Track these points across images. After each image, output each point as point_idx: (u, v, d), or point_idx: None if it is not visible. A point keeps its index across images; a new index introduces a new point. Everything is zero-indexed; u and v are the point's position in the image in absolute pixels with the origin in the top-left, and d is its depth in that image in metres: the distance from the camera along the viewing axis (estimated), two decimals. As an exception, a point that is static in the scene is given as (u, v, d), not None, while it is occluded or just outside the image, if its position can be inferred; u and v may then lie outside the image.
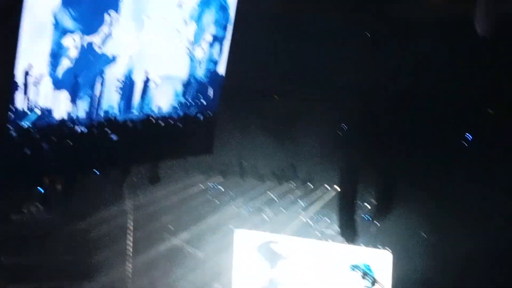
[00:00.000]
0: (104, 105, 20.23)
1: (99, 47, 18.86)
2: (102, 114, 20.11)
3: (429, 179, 28.18)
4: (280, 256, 35.98)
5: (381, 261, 31.86)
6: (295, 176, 32.72)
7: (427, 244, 29.53)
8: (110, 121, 20.55)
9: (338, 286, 33.38)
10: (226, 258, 36.88)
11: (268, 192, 34.87)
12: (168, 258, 35.99)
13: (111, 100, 20.19)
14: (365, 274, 31.58)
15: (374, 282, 32.05)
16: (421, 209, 28.95)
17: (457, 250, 27.40)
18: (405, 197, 26.82)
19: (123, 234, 36.11)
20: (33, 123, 17.96)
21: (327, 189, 33.08)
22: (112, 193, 31.79)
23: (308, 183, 32.94)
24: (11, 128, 17.35)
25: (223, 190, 36.11)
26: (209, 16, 23.07)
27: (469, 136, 26.88)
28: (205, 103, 24.55)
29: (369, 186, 28.73)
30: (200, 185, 35.67)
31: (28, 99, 17.55)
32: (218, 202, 36.36)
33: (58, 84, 18.15)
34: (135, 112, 21.06)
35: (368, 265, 32.19)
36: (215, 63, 23.75)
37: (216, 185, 36.11)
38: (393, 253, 31.60)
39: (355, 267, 31.88)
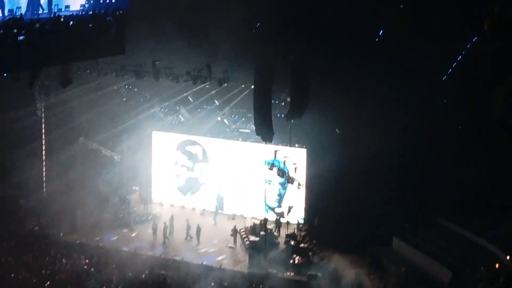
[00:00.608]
0: (9, 4, 19.56)
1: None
2: (7, 13, 19.47)
3: (343, 76, 28.96)
4: (197, 157, 36.50)
5: (297, 158, 32.98)
6: (211, 76, 32.84)
7: (341, 140, 30.60)
8: (16, 21, 19.91)
9: (255, 183, 34.48)
10: (143, 160, 37.10)
11: (184, 93, 35.01)
12: (84, 160, 35.83)
13: (16, -2, 19.54)
14: (279, 170, 32.64)
15: (288, 177, 33.18)
16: (336, 106, 29.79)
17: (370, 145, 28.68)
18: (319, 94, 27.50)
19: (35, 137, 35.59)
20: None
21: (242, 88, 33.51)
22: (22, 96, 31.12)
23: (224, 83, 33.24)
24: None
25: (136, 91, 35.95)
26: None
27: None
28: (114, 0, 24.03)
29: (284, 84, 29.18)
30: (114, 86, 35.42)
31: None
32: (132, 104, 36.20)
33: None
34: (42, 11, 20.49)
35: (280, 161, 33.12)
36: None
37: (129, 86, 35.84)
38: (308, 149, 32.79)
39: (270, 164, 32.82)
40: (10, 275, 26.40)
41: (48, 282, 25.82)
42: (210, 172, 36.58)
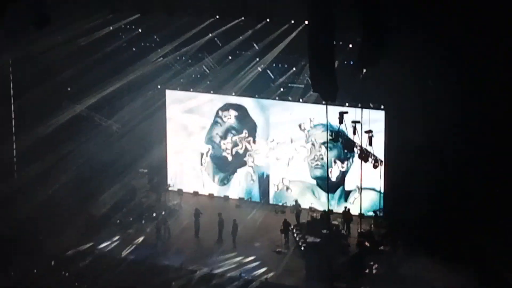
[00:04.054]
0: None
1: None
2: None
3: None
4: (231, 125, 36.13)
5: (372, 123, 32.22)
6: (246, 8, 32.11)
7: (435, 96, 29.78)
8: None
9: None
10: (153, 130, 36.79)
11: (209, 33, 34.40)
12: (69, 133, 35.55)
13: None
14: (333, 132, 32.31)
15: (361, 153, 32.70)
16: (427, 47, 28.90)
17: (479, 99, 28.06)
18: (403, 31, 26.72)
19: (1, 103, 35.39)
20: None
21: (292, 24, 32.79)
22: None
23: (265, 19, 32.54)
24: None
25: (141, 32, 35.48)
26: None
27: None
28: None
29: (353, 18, 28.07)
30: (109, 27, 34.96)
31: None
32: (135, 51, 35.73)
33: None
34: None
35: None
36: None
37: (131, 26, 35.35)
38: (388, 111, 32.00)
39: (334, 133, 32.39)
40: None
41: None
42: (250, 147, 36.58)
